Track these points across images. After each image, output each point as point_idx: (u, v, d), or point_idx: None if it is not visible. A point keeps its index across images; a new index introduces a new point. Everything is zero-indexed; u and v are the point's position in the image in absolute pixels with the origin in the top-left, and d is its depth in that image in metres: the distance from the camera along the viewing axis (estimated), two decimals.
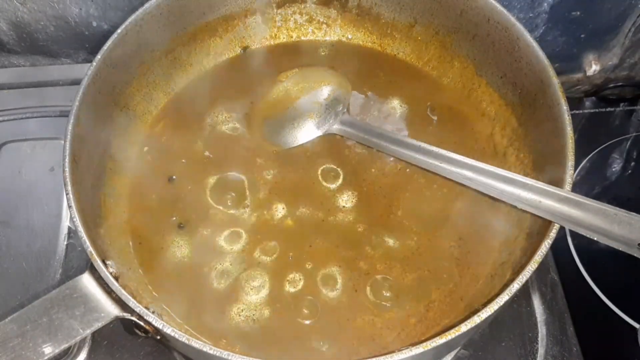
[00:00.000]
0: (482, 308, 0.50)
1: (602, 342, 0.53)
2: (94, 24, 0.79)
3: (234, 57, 0.76)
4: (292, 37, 0.77)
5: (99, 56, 0.62)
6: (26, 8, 0.76)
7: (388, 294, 0.60)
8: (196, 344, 0.49)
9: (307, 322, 0.59)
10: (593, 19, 0.74)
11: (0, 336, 0.51)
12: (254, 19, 0.76)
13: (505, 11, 0.64)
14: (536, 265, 0.53)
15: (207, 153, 0.68)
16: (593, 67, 0.73)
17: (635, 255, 0.52)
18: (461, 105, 0.71)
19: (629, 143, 0.62)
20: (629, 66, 0.72)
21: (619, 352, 0.52)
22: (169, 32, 0.70)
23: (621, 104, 0.69)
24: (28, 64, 0.80)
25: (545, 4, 0.75)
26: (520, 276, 0.52)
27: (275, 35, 0.77)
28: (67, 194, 0.56)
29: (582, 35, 0.75)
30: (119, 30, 0.64)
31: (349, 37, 0.77)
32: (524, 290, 0.56)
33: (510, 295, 0.51)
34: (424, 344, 0.48)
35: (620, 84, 0.72)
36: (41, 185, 0.64)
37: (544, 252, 0.53)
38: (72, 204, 0.55)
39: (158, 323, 0.51)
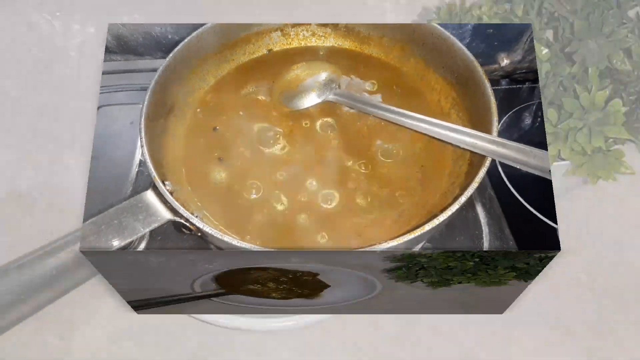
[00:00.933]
0: (440, 214, 0.41)
1: (531, 237, 0.41)
2: (169, 36, 0.66)
3: (261, 55, 0.63)
4: (301, 43, 0.65)
5: (170, 55, 0.54)
6: (125, 27, 0.64)
7: (370, 204, 0.48)
8: (227, 238, 0.39)
9: (312, 222, 0.48)
10: (502, 34, 0.63)
11: (81, 234, 0.39)
12: (276, 33, 0.63)
13: (443, 29, 0.55)
14: (477, 185, 0.43)
15: (241, 112, 0.56)
16: (505, 61, 0.62)
17: (547, 177, 0.43)
18: (416, 84, 0.59)
19: (534, 107, 0.54)
20: (528, 61, 0.61)
21: (543, 244, 0.39)
22: (218, 41, 0.58)
23: (527, 83, 0.59)
24: (122, 60, 0.68)
25: (469, 25, 0.63)
26: (466, 192, 0.42)
27: (290, 42, 0.64)
28: (140, 138, 0.46)
29: (496, 43, 0.63)
30: (184, 41, 0.55)
31: (339, 44, 0.64)
32: (470, 202, 0.45)
33: (459, 205, 0.41)
34: (398, 238, 0.40)
35: (524, 71, 0.61)
36: (124, 133, 0.51)
37: (482, 176, 0.44)
38: (144, 144, 0.46)
39: (200, 224, 0.41)
